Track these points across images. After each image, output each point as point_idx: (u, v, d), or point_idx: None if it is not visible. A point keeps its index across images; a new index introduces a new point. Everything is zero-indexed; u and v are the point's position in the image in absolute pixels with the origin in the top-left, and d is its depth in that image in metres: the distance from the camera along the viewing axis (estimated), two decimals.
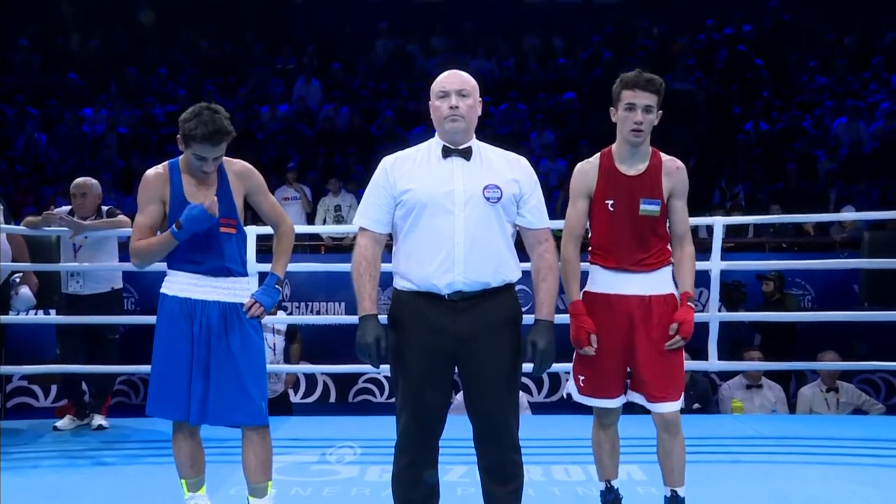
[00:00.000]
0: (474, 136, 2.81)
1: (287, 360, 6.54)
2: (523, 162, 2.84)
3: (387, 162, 2.82)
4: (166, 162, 3.18)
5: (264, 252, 3.22)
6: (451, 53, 12.44)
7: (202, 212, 2.98)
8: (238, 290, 3.12)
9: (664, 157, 3.17)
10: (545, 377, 7.64)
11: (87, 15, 13.24)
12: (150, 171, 3.15)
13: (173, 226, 3.02)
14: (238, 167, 3.17)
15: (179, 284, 3.09)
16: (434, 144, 2.81)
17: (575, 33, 13.22)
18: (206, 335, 3.05)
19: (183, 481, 3.23)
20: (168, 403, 3.08)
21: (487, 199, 2.70)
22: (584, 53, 12.58)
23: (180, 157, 3.15)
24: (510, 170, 2.78)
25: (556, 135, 10.81)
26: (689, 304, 3.09)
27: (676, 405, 3.10)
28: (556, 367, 6.66)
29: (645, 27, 13.02)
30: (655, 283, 3.09)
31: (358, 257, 2.80)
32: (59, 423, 5.09)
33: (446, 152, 2.76)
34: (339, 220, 8.90)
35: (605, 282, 3.11)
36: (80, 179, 5.20)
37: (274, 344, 6.25)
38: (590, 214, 3.15)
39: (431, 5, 14.13)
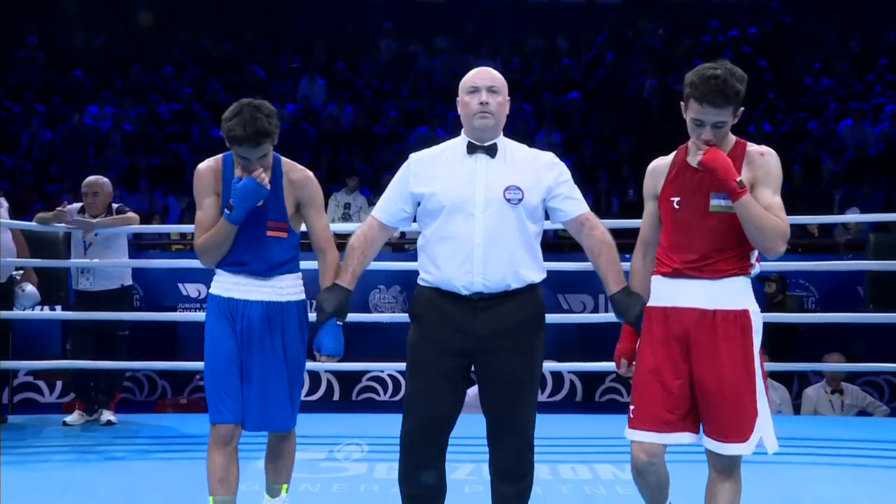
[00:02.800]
0: (502, 133, 2.82)
1: None
2: (549, 158, 2.82)
3: (412, 159, 2.84)
4: (220, 155, 3.01)
5: (304, 249, 3.13)
6: (454, 54, 12.47)
7: (250, 182, 2.80)
8: (285, 288, 2.97)
9: (750, 146, 2.70)
10: (549, 376, 7.66)
11: (92, 12, 13.27)
12: (202, 165, 2.99)
13: (225, 209, 2.87)
14: (297, 175, 2.99)
15: (224, 284, 2.96)
16: (460, 141, 2.81)
17: (578, 34, 13.24)
18: (247, 336, 2.92)
19: (210, 499, 2.95)
20: (226, 406, 2.91)
21: (508, 200, 2.70)
22: (588, 54, 12.61)
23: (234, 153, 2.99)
24: (535, 169, 2.77)
25: (561, 135, 10.84)
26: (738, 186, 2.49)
27: (740, 448, 2.57)
28: (559, 366, 6.72)
29: (649, 28, 13.04)
30: (723, 295, 2.57)
31: (358, 234, 2.87)
32: (69, 419, 5.12)
33: (471, 148, 2.76)
34: (346, 217, 8.90)
35: (662, 292, 2.64)
36: (91, 178, 5.23)
37: None
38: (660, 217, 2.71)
39: (435, 5, 14.14)
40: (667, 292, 2.64)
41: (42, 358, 6.05)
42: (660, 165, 2.74)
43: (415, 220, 2.87)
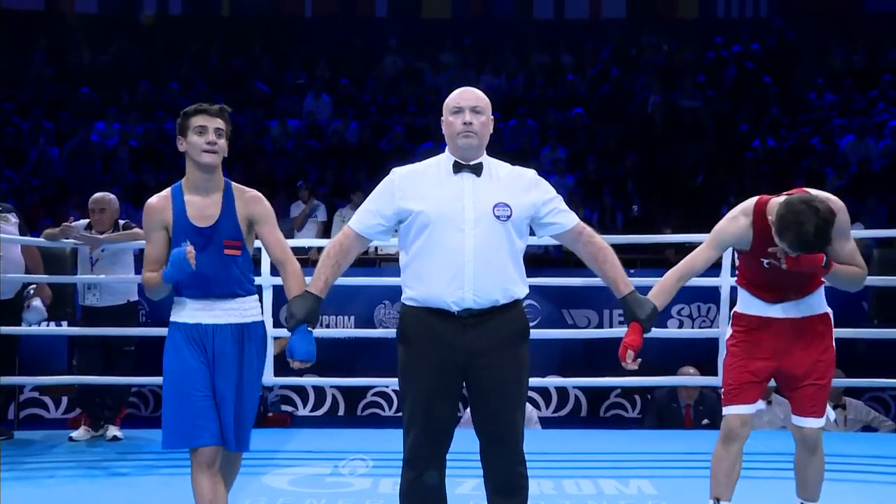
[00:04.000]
0: (485, 152, 2.86)
1: None
2: (532, 176, 2.87)
3: (396, 174, 2.85)
4: (170, 188, 3.09)
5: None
6: (459, 69, 12.52)
7: (181, 254, 2.87)
8: (249, 309, 3.03)
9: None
10: (553, 392, 7.67)
11: (99, 29, 13.38)
12: (152, 198, 3.08)
13: (164, 269, 2.95)
14: (248, 194, 3.07)
15: (188, 311, 2.99)
16: (445, 159, 2.84)
17: (582, 49, 13.30)
18: (219, 360, 2.96)
19: None
20: (205, 428, 2.91)
21: (497, 217, 2.74)
22: (593, 69, 12.66)
23: (183, 179, 3.08)
24: (521, 187, 2.82)
25: (566, 151, 10.88)
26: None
27: (820, 422, 3.15)
28: (564, 381, 6.72)
29: (653, 44, 13.10)
30: (809, 307, 3.13)
31: (335, 243, 2.88)
32: (75, 434, 5.14)
33: (457, 168, 2.80)
34: None
35: (757, 306, 3.15)
36: (98, 195, 5.27)
37: None
38: (738, 255, 3.23)
39: (440, 22, 14.23)
40: (762, 308, 3.14)
41: (48, 374, 6.08)
42: (743, 227, 3.06)
43: (393, 236, 2.90)
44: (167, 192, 3.06)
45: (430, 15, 14.35)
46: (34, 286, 5.19)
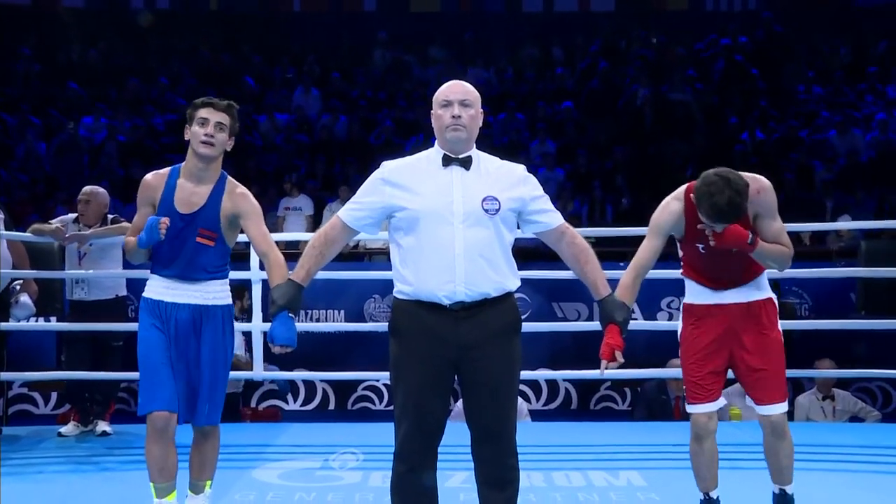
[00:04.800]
0: (475, 145, 2.86)
1: None
2: (522, 171, 2.87)
3: (386, 168, 2.84)
4: (169, 168, 3.27)
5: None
6: (448, 63, 12.51)
7: (154, 223, 3.09)
8: (212, 292, 3.20)
9: (750, 184, 3.15)
10: (544, 384, 7.68)
11: (88, 24, 13.31)
12: (150, 175, 3.27)
13: (139, 234, 3.17)
14: (238, 189, 3.23)
15: (155, 288, 3.20)
16: (434, 153, 2.84)
17: (572, 43, 13.31)
18: (174, 337, 3.15)
19: (151, 485, 3.22)
20: (158, 395, 3.11)
21: (486, 210, 2.74)
22: (582, 63, 12.66)
23: (183, 163, 3.24)
24: (510, 182, 2.82)
25: (555, 144, 10.89)
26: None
27: (783, 407, 3.21)
28: (554, 374, 6.74)
29: (642, 37, 13.11)
30: (754, 291, 3.21)
31: (320, 233, 2.89)
32: (64, 429, 5.12)
33: (446, 161, 2.79)
34: None
35: (703, 295, 3.23)
36: (87, 187, 5.25)
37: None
38: (679, 245, 3.28)
39: (429, 15, 14.21)
40: (707, 295, 3.22)
41: (37, 369, 6.04)
42: (675, 212, 3.18)
43: (382, 229, 2.90)
44: (166, 171, 3.25)
45: (418, 9, 14.32)
46: (20, 282, 5.16)
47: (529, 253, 8.11)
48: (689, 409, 3.23)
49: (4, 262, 5.06)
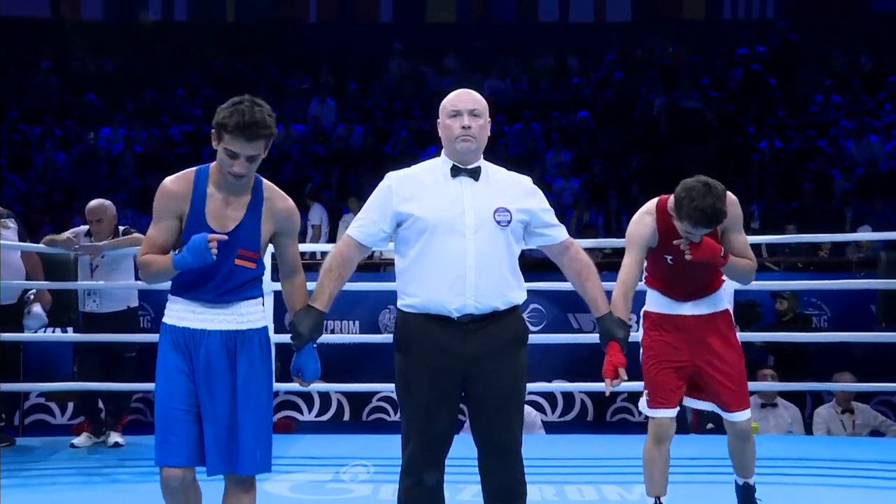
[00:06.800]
0: (482, 156, 2.82)
1: None
2: (529, 183, 2.84)
3: (392, 179, 2.79)
4: (195, 168, 2.74)
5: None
6: (463, 73, 12.52)
7: (202, 242, 2.57)
8: (246, 314, 2.72)
9: None
10: (559, 396, 7.62)
11: (104, 37, 13.43)
12: (171, 179, 2.70)
13: (175, 252, 2.64)
14: (282, 204, 2.76)
15: (178, 313, 2.70)
16: (441, 163, 2.80)
17: (587, 53, 13.28)
18: (205, 369, 2.65)
19: None
20: (174, 448, 2.65)
21: (498, 222, 2.71)
22: (597, 73, 12.63)
23: (212, 164, 2.71)
24: (518, 193, 2.79)
25: (571, 154, 10.85)
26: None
27: (748, 413, 3.33)
28: (570, 386, 6.68)
29: (657, 46, 13.07)
30: (714, 304, 3.31)
31: (335, 254, 2.80)
32: (76, 441, 5.12)
33: (455, 172, 2.76)
34: None
35: (665, 305, 3.32)
36: (93, 204, 5.16)
37: None
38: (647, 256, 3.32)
39: (444, 26, 14.24)
40: (669, 306, 3.31)
41: (53, 380, 6.06)
42: (650, 225, 3.23)
43: (391, 241, 2.85)
44: (190, 175, 2.70)
45: (434, 19, 14.36)
46: (34, 292, 5.18)
47: (544, 263, 8.03)
48: (651, 412, 3.28)
49: (18, 273, 5.08)
